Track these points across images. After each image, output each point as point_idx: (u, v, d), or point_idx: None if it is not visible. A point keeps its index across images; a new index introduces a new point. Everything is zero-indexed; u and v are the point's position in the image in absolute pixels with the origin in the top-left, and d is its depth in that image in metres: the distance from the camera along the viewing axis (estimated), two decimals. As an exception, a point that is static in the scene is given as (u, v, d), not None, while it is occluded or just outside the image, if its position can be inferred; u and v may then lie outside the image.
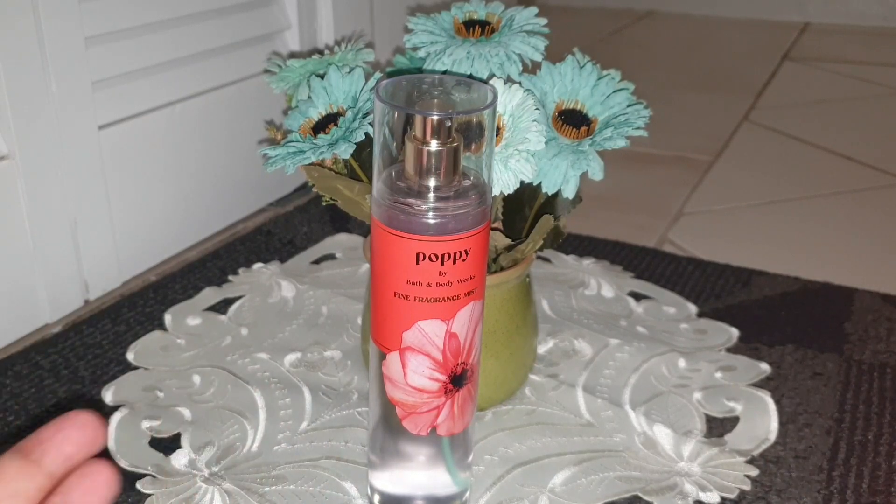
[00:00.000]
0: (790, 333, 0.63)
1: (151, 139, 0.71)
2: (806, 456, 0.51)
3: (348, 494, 0.47)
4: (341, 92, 0.50)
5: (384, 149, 0.39)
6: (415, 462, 0.44)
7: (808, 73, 1.33)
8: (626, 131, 0.47)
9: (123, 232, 0.69)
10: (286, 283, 0.69)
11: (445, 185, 0.39)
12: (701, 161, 0.99)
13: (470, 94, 0.40)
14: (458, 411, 0.42)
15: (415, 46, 0.50)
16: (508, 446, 0.51)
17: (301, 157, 0.46)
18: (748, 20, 1.64)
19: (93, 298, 0.68)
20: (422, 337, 0.40)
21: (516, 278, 0.51)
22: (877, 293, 0.68)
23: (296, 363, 0.59)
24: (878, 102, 1.19)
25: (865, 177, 0.94)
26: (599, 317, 0.65)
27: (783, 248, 0.78)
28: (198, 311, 0.65)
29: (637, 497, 0.47)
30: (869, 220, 0.84)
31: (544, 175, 0.46)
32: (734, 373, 0.58)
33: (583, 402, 0.56)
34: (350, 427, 0.53)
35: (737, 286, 0.70)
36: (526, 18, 0.50)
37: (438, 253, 0.38)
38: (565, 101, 0.49)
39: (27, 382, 0.57)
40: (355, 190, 0.49)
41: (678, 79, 1.30)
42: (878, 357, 0.60)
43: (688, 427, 0.53)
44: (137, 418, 0.53)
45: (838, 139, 1.04)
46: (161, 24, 0.70)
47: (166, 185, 0.73)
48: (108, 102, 0.66)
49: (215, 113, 0.77)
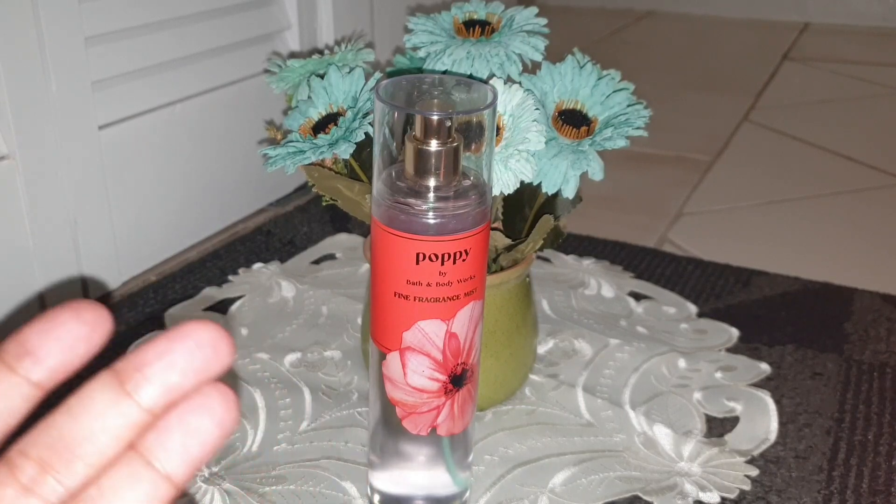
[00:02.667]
0: (790, 333, 0.63)
1: (151, 139, 0.71)
2: (806, 456, 0.51)
3: (348, 494, 0.47)
4: (341, 92, 0.50)
5: (384, 149, 0.39)
6: (415, 462, 0.44)
7: (808, 73, 1.33)
8: (626, 131, 0.47)
9: (123, 232, 0.69)
10: (286, 283, 0.69)
11: (445, 185, 0.39)
12: (701, 161, 0.99)
13: (470, 94, 0.40)
14: (458, 411, 0.42)
15: (415, 46, 0.50)
16: (508, 446, 0.51)
17: (301, 157, 0.46)
18: (748, 20, 1.64)
19: (93, 298, 0.68)
20: (422, 337, 0.40)
21: (516, 278, 0.51)
22: (877, 293, 0.68)
23: (296, 363, 0.59)
24: (878, 102, 1.19)
25: (865, 177, 0.94)
26: (599, 317, 0.65)
27: (783, 248, 0.78)
28: (198, 311, 0.65)
29: (637, 497, 0.47)
30: (869, 220, 0.84)
31: (544, 175, 0.46)
32: (734, 373, 0.58)
33: (583, 402, 0.56)
34: (350, 427, 0.53)
35: (737, 286, 0.70)
36: (526, 18, 0.50)
37: (438, 253, 0.38)
38: (565, 101, 0.49)
39: (27, 382, 0.57)
40: (355, 190, 0.49)
41: (678, 79, 1.30)
42: (878, 357, 0.60)
43: (688, 427, 0.53)
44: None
45: (838, 139, 1.04)
46: (161, 24, 0.70)
47: (166, 185, 0.73)
48: (108, 102, 0.66)
49: (215, 113, 0.77)
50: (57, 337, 0.22)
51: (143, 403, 0.22)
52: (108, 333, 0.22)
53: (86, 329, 0.22)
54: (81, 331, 0.22)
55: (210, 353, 0.22)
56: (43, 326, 0.22)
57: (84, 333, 0.22)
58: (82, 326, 0.22)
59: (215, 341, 0.22)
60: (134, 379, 0.22)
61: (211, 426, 0.22)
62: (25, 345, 0.22)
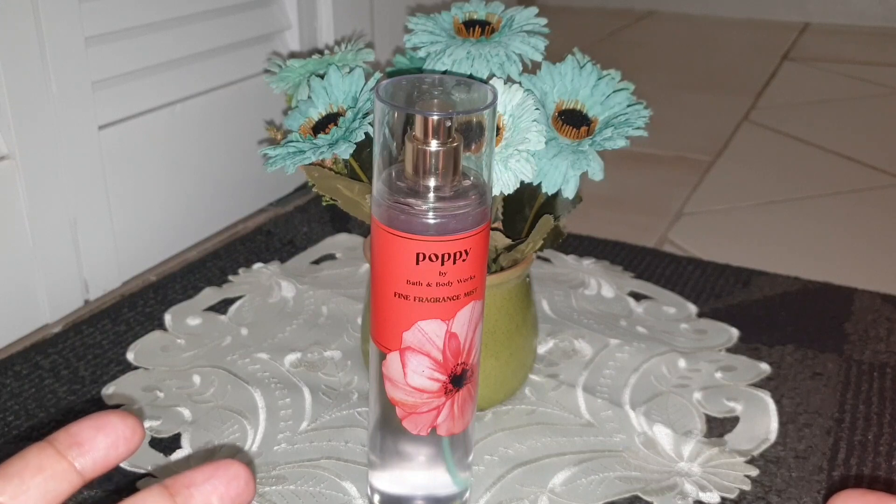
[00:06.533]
0: (790, 333, 0.63)
1: (151, 139, 0.71)
2: (806, 456, 0.51)
3: (348, 494, 0.47)
4: (341, 92, 0.50)
5: (384, 149, 0.39)
6: (415, 462, 0.44)
7: (808, 73, 1.33)
8: (626, 131, 0.47)
9: (123, 232, 0.69)
10: (286, 283, 0.69)
11: (445, 185, 0.39)
12: (701, 161, 0.99)
13: (470, 94, 0.40)
14: (458, 411, 0.42)
15: (415, 46, 0.50)
16: (508, 446, 0.51)
17: (301, 157, 0.46)
18: (748, 20, 1.64)
19: (93, 298, 0.68)
20: (422, 337, 0.40)
21: (516, 278, 0.51)
22: (877, 293, 0.68)
23: (296, 363, 0.59)
24: (878, 102, 1.19)
25: (865, 177, 0.94)
26: (599, 317, 0.65)
27: (783, 248, 0.78)
28: (198, 311, 0.65)
29: (637, 497, 0.47)
30: (869, 220, 0.84)
31: (544, 175, 0.46)
32: (734, 373, 0.58)
33: (583, 402, 0.56)
34: (350, 427, 0.53)
35: (737, 286, 0.70)
36: (526, 18, 0.50)
37: (438, 253, 0.38)
38: (565, 101, 0.49)
39: (27, 382, 0.57)
40: (355, 190, 0.49)
41: (678, 79, 1.30)
42: (878, 357, 0.60)
43: (688, 427, 0.53)
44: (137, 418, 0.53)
45: (838, 139, 1.04)
46: (161, 24, 0.70)
47: (166, 185, 0.73)
48: (108, 102, 0.66)
49: (215, 113, 0.77)
50: (105, 434, 0.25)
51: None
52: (141, 442, 0.26)
53: (128, 432, 0.26)
54: (125, 433, 0.26)
55: (243, 485, 0.26)
56: (92, 423, 0.26)
57: (127, 435, 0.26)
58: (126, 429, 0.26)
59: (248, 478, 0.26)
60: (184, 494, 0.25)
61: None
62: (76, 437, 0.25)
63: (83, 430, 0.25)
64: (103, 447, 0.25)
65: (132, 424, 0.26)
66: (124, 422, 0.26)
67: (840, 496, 0.28)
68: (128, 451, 0.26)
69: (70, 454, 0.25)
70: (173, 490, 0.25)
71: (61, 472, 0.25)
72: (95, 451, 0.25)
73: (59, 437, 0.25)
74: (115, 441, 0.25)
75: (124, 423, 0.26)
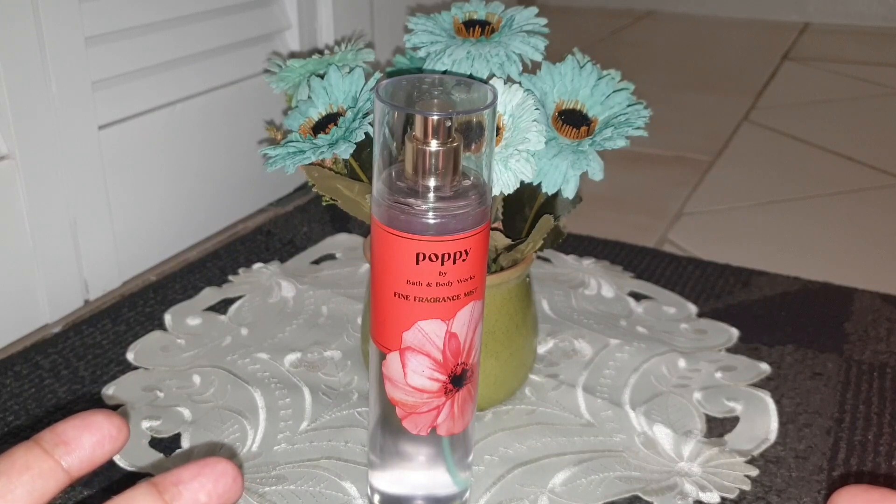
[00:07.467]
0: (790, 333, 0.63)
1: (151, 139, 0.71)
2: (806, 456, 0.51)
3: (348, 494, 0.47)
4: (341, 92, 0.50)
5: (384, 149, 0.39)
6: (415, 462, 0.44)
7: (808, 73, 1.33)
8: (626, 131, 0.47)
9: (123, 232, 0.69)
10: (286, 283, 0.69)
11: (445, 185, 0.39)
12: (701, 161, 0.99)
13: (470, 94, 0.40)
14: (458, 411, 0.42)
15: (415, 46, 0.50)
16: (508, 446, 0.51)
17: (301, 157, 0.46)
18: (748, 20, 1.64)
19: (93, 298, 0.68)
20: (422, 337, 0.40)
21: (516, 278, 0.51)
22: (877, 293, 0.68)
23: (296, 363, 0.59)
24: (878, 102, 1.19)
25: (865, 177, 0.94)
26: (599, 317, 0.65)
27: (783, 248, 0.78)
28: (198, 311, 0.65)
29: (637, 497, 0.47)
30: (869, 220, 0.84)
31: (544, 175, 0.46)
32: (734, 373, 0.58)
33: (583, 402, 0.56)
34: (350, 427, 0.53)
35: (737, 286, 0.70)
36: (526, 18, 0.50)
37: (438, 253, 0.38)
38: (565, 101, 0.49)
39: (27, 382, 0.57)
40: (355, 190, 0.49)
41: (678, 79, 1.30)
42: (878, 357, 0.60)
43: (688, 427, 0.53)
44: (137, 418, 0.53)
45: (838, 139, 1.04)
46: (161, 24, 0.70)
47: (166, 185, 0.73)
48: (108, 102, 0.66)
49: (215, 113, 0.77)
50: (90, 433, 0.26)
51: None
52: (127, 441, 0.27)
53: (114, 430, 0.26)
54: (111, 431, 0.26)
55: (230, 482, 0.26)
56: (78, 422, 0.26)
57: (113, 434, 0.26)
58: (112, 428, 0.26)
59: (235, 475, 0.26)
60: (171, 491, 0.25)
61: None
62: (62, 436, 0.26)
63: (69, 429, 0.26)
64: (89, 445, 0.26)
65: (118, 423, 0.26)
66: (110, 420, 0.26)
67: (843, 492, 0.28)
68: (113, 449, 0.26)
69: (56, 453, 0.25)
70: (162, 488, 0.25)
71: (48, 470, 0.25)
72: (81, 449, 0.26)
73: (45, 436, 0.26)
74: (101, 439, 0.26)
75: (110, 422, 0.26)
